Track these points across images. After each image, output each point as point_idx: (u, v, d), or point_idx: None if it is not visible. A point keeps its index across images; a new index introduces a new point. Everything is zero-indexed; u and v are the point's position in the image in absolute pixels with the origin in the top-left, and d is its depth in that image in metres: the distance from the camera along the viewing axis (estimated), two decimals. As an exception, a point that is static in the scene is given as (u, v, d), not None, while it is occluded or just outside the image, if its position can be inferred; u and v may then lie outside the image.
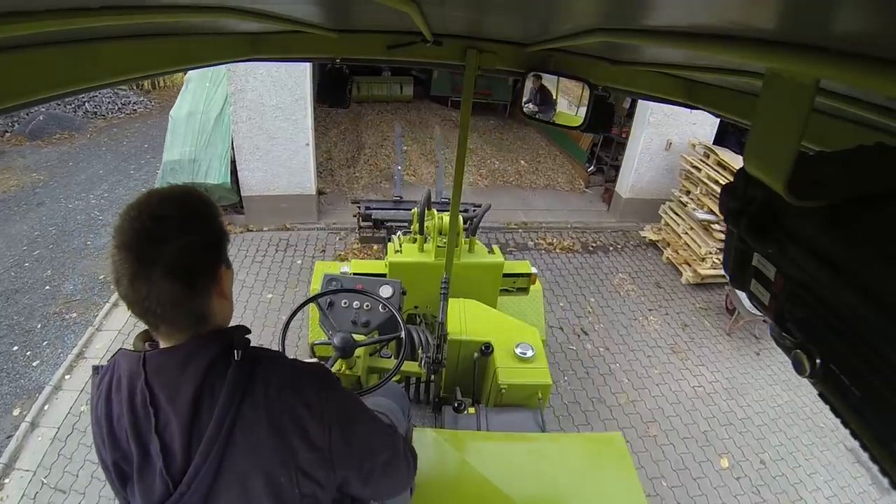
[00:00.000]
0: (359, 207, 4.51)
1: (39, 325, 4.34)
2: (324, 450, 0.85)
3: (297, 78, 5.49)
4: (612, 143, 7.93)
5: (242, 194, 5.93)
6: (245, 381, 0.81)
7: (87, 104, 9.98)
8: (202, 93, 6.26)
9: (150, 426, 0.79)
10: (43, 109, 9.16)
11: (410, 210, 3.46)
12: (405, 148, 8.27)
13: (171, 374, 0.80)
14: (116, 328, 4.29)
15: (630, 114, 7.23)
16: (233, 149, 5.75)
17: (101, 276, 4.94)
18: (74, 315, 4.48)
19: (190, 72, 6.77)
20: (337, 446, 0.87)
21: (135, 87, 12.46)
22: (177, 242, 0.75)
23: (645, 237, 6.55)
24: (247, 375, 0.81)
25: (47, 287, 4.80)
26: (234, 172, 5.84)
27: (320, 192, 6.62)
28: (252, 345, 0.87)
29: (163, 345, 0.84)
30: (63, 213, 6.21)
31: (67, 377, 3.84)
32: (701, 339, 4.95)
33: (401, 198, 4.74)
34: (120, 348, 0.89)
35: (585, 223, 6.89)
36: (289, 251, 5.67)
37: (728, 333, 5.05)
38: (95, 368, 0.90)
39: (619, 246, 6.48)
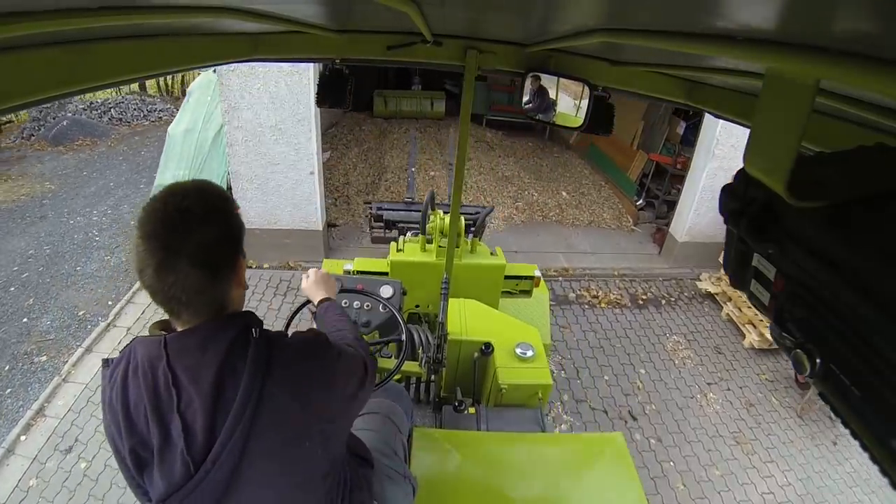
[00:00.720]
0: (370, 208, 4.52)
1: (7, 367, 3.95)
2: (338, 392, 0.96)
3: (298, 95, 4.76)
4: (664, 174, 6.80)
5: (240, 226, 5.48)
6: (265, 357, 0.86)
7: (112, 110, 9.92)
8: (202, 108, 5.74)
9: (173, 406, 0.81)
10: (69, 115, 9.10)
11: (421, 212, 3.47)
12: (439, 168, 7.56)
13: (192, 355, 0.83)
14: (83, 381, 3.81)
15: (687, 141, 6.31)
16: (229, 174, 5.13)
17: (81, 312, 4.62)
18: (44, 359, 4.06)
19: (193, 84, 6.36)
20: (344, 385, 0.98)
21: (163, 94, 12.24)
22: (201, 233, 0.80)
23: (702, 288, 5.59)
24: (265, 352, 0.86)
25: (25, 319, 4.48)
26: (232, 201, 5.52)
27: (331, 225, 5.85)
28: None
29: (180, 328, 0.87)
30: (62, 230, 5.93)
31: (23, 438, 3.32)
32: (769, 424, 4.11)
33: (413, 199, 4.73)
34: (136, 336, 0.92)
35: (634, 270, 5.92)
36: (289, 296, 4.92)
37: (799, 415, 4.21)
38: (106, 361, 0.92)
39: (672, 299, 5.52)
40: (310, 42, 1.43)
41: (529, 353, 2.36)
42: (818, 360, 0.41)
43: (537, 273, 3.39)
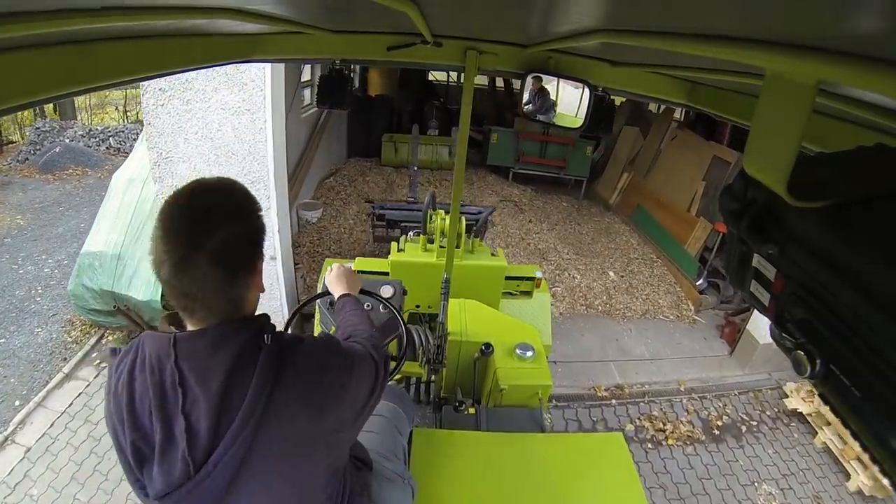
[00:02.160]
0: (372, 207, 4.50)
1: None
2: (349, 401, 0.94)
3: (250, 144, 3.57)
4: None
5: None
6: (276, 365, 0.85)
7: (112, 139, 9.44)
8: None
9: (178, 406, 0.80)
10: (66, 141, 8.61)
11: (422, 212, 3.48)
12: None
13: (202, 356, 0.82)
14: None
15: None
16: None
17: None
18: None
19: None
20: (355, 394, 0.96)
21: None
22: (224, 231, 0.80)
23: (789, 406, 4.40)
24: (276, 359, 0.85)
25: None
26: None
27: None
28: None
29: (192, 329, 0.86)
30: (7, 280, 5.10)
31: None
32: None
33: (415, 199, 4.71)
34: (144, 330, 0.90)
35: (703, 381, 4.70)
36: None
37: None
38: (114, 350, 0.92)
39: (753, 423, 4.32)
40: (309, 42, 1.43)
41: (529, 354, 2.36)
42: (818, 361, 0.41)
43: (539, 274, 3.39)
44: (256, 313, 0.92)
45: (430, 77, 10.30)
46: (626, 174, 7.94)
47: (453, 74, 9.85)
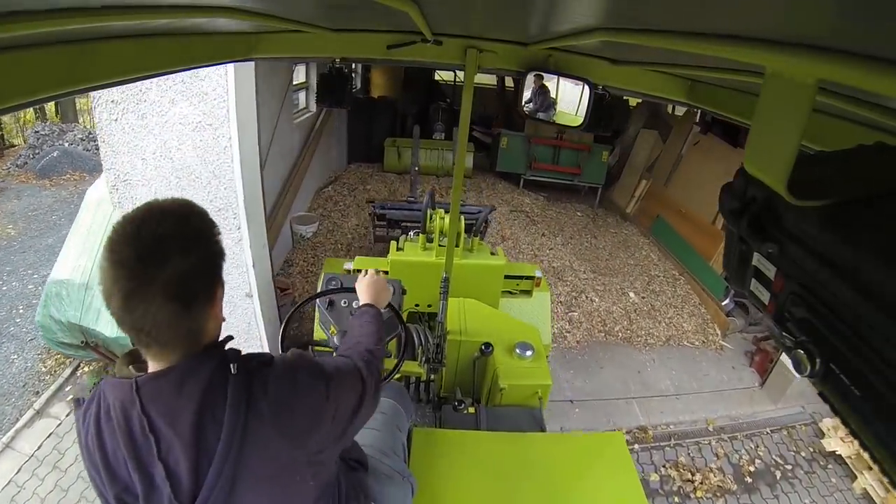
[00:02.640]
0: (373, 207, 4.47)
1: None
2: (327, 423, 0.90)
3: (215, 166, 3.05)
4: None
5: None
6: (246, 394, 0.81)
7: None
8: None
9: (153, 453, 0.77)
10: (65, 145, 8.34)
11: (422, 211, 3.47)
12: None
13: (167, 397, 0.78)
14: None
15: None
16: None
17: None
18: None
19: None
20: (334, 414, 0.92)
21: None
22: (176, 264, 0.73)
23: (826, 447, 4.00)
24: (246, 388, 0.81)
25: None
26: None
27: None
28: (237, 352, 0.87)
29: (152, 365, 0.81)
30: None
31: None
32: None
33: (415, 199, 4.69)
34: (102, 378, 0.87)
35: (733, 419, 4.30)
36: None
37: None
38: (77, 401, 0.88)
39: (788, 467, 3.92)
40: (309, 41, 1.44)
41: (529, 353, 2.36)
42: (818, 360, 0.41)
43: (538, 273, 3.39)
44: (221, 338, 0.88)
45: (437, 77, 9.67)
46: (645, 181, 7.41)
47: (460, 74, 9.18)
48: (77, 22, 0.52)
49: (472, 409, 2.24)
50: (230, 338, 0.88)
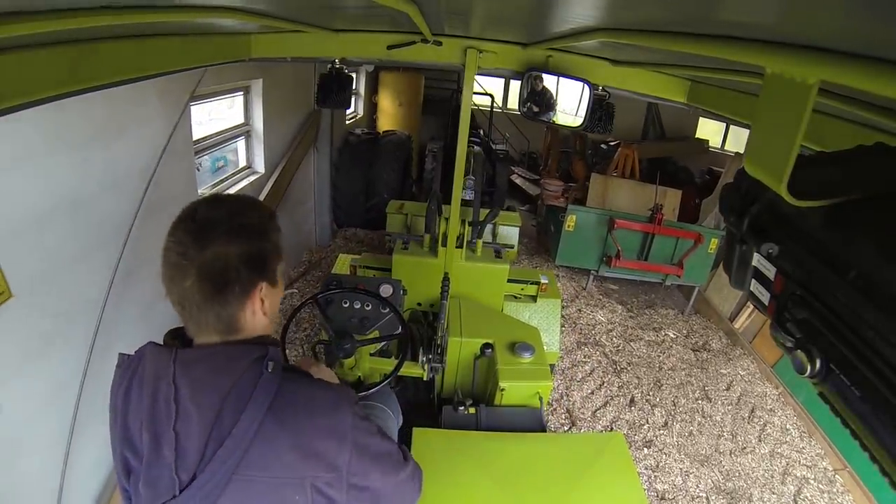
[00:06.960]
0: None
1: None
2: (342, 470, 0.87)
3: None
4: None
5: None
6: (273, 396, 0.82)
7: None
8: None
9: (170, 422, 0.79)
10: None
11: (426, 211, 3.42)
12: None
13: (200, 374, 0.81)
14: None
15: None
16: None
17: None
18: None
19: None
20: (354, 468, 0.89)
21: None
22: (217, 248, 0.78)
23: None
24: (275, 390, 0.83)
25: None
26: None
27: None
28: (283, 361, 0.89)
29: (195, 341, 0.85)
30: None
31: None
32: None
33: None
34: (150, 341, 0.89)
35: None
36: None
37: None
38: (122, 356, 0.90)
39: None
40: (310, 41, 1.44)
41: (529, 354, 2.36)
42: (818, 360, 0.41)
43: (544, 280, 3.34)
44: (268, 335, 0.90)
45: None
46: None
47: (499, 98, 6.11)
48: (77, 22, 0.52)
49: (472, 410, 2.23)
50: (276, 341, 0.90)
